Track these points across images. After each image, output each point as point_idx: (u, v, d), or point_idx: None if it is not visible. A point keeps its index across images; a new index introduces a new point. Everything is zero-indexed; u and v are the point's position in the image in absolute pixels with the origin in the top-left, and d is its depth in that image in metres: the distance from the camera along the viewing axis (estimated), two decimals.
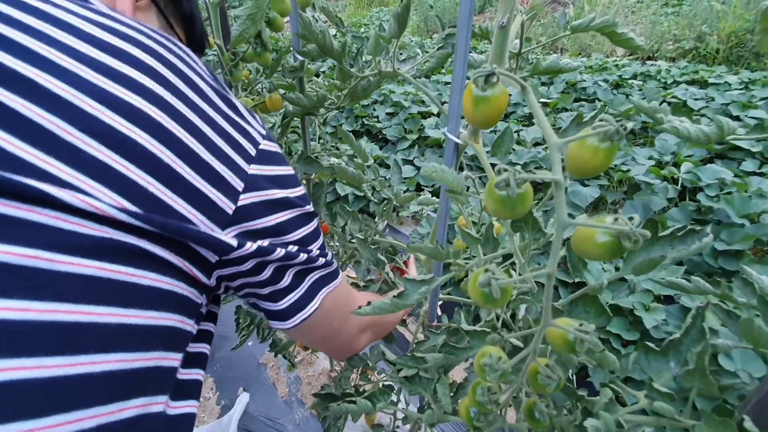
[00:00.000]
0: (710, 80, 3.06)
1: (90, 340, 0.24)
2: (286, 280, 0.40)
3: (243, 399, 1.55)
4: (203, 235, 0.29)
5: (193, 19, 0.52)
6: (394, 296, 0.41)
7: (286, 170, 0.37)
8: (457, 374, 1.54)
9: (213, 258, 0.32)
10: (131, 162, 0.26)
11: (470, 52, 0.44)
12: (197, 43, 0.55)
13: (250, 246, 0.33)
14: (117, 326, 0.25)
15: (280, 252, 0.36)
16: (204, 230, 0.30)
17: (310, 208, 0.40)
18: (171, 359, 0.30)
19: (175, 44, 0.31)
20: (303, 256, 0.39)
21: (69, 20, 0.27)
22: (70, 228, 0.24)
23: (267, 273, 0.37)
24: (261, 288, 0.39)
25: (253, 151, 0.34)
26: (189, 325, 0.32)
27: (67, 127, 0.24)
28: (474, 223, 0.65)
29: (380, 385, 0.67)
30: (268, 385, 1.61)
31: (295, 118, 0.78)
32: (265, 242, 0.35)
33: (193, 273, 0.31)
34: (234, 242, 0.32)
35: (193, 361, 0.34)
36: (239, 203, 0.32)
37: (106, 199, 0.25)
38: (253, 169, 0.33)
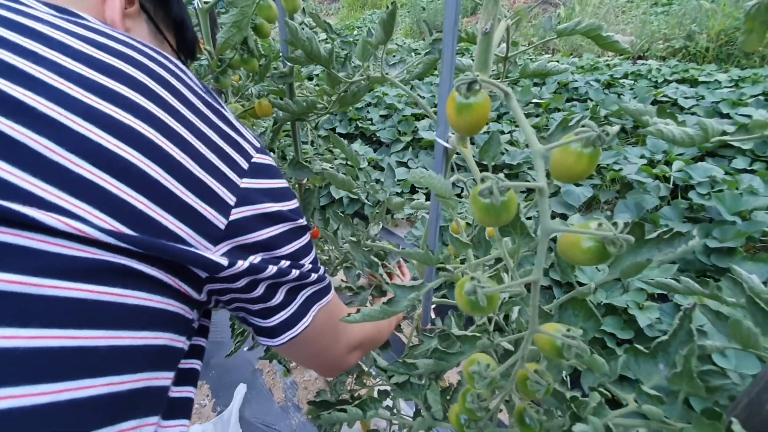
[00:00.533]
0: (700, 78, 3.08)
1: (79, 365, 0.24)
2: (278, 298, 0.39)
3: (241, 390, 1.56)
4: (194, 255, 0.29)
5: (183, 25, 0.51)
6: (383, 303, 0.41)
7: (280, 183, 0.37)
8: (453, 377, 1.54)
9: (203, 274, 0.31)
10: (121, 181, 0.25)
11: (461, 55, 0.44)
12: (189, 48, 0.54)
13: (242, 264, 0.33)
14: (106, 349, 0.25)
15: (272, 269, 0.35)
16: (195, 248, 0.29)
17: (303, 221, 0.40)
18: (162, 378, 0.30)
19: (167, 58, 0.31)
20: (295, 273, 0.38)
21: (58, 37, 0.26)
22: (57, 251, 0.23)
23: (259, 291, 0.37)
24: (252, 304, 0.38)
25: (245, 165, 0.33)
26: (180, 342, 0.31)
27: (54, 147, 0.23)
28: (468, 224, 0.65)
29: (376, 390, 0.66)
30: (264, 391, 1.61)
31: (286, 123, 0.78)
32: (257, 258, 0.34)
33: (184, 289, 0.30)
34: (225, 261, 0.31)
35: (184, 378, 0.34)
36: (231, 218, 0.32)
37: (95, 221, 0.24)
38: (246, 183, 0.33)
